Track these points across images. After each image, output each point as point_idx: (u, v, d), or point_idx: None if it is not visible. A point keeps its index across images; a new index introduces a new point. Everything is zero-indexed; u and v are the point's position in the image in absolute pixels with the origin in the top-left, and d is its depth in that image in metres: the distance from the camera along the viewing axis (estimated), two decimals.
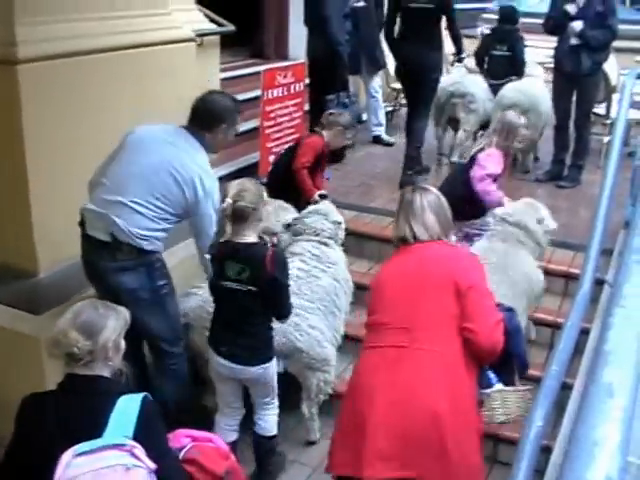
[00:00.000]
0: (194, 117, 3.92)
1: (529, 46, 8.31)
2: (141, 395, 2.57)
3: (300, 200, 5.22)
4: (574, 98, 6.82)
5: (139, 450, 2.44)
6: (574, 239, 5.42)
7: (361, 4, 7.31)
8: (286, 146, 5.98)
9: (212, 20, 6.53)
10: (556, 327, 4.60)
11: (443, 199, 3.30)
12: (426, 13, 6.37)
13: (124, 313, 2.75)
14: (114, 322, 2.67)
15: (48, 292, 4.35)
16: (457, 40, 6.75)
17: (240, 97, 7.18)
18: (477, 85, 7.36)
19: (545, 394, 2.98)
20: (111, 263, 3.75)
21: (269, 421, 3.94)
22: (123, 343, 2.71)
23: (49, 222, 4.37)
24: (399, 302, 3.05)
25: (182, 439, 2.92)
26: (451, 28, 6.58)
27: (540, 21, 7.18)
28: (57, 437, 2.45)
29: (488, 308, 3.00)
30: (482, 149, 5.08)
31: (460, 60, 7.13)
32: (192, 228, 3.85)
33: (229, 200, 3.49)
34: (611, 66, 8.45)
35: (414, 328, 2.95)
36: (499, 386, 3.48)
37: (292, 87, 6.23)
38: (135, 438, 2.46)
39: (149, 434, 2.52)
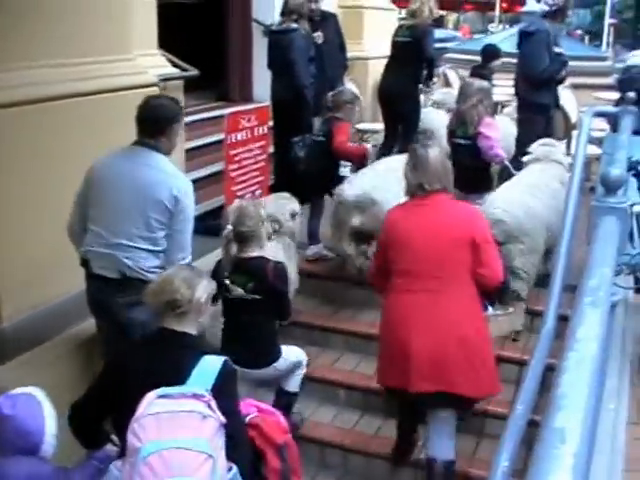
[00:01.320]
0: (144, 127, 4.02)
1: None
2: (223, 358, 2.93)
3: None
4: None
5: (214, 403, 2.72)
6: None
7: (320, 41, 7.36)
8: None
9: (175, 65, 6.56)
10: (522, 364, 4.61)
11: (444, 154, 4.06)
12: (406, 45, 7.14)
13: (213, 283, 3.20)
14: (207, 282, 3.12)
15: (12, 341, 4.29)
16: (429, 65, 7.39)
17: (205, 140, 7.29)
18: None
19: (511, 434, 2.98)
20: (122, 299, 3.86)
21: (294, 380, 4.51)
22: (210, 307, 3.16)
23: (8, 271, 4.32)
24: (429, 253, 3.82)
25: (249, 407, 3.23)
26: (423, 55, 7.21)
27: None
28: (143, 381, 2.76)
29: (495, 256, 3.93)
30: None
31: (428, 85, 7.31)
32: (170, 242, 3.95)
33: (229, 227, 4.17)
34: (570, 103, 8.61)
35: (442, 276, 3.81)
36: (491, 310, 4.36)
37: (256, 130, 6.25)
38: (212, 393, 2.75)
39: (224, 392, 2.83)
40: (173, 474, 2.57)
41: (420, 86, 7.57)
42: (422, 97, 7.86)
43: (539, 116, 7.17)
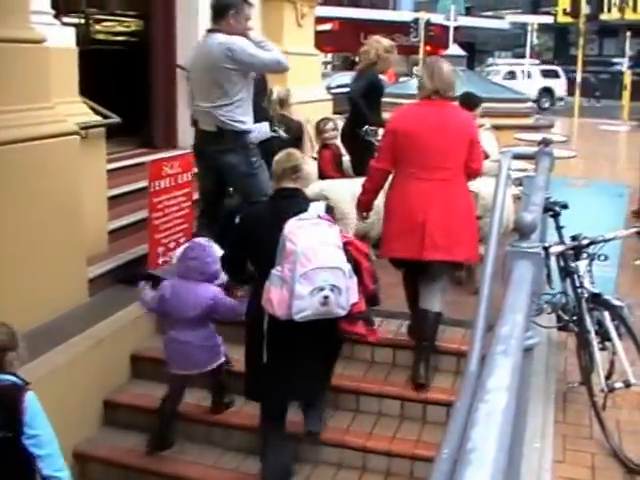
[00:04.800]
0: (212, 13, 5.52)
1: None
2: (324, 202, 4.40)
3: None
4: None
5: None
6: (465, 316, 5.50)
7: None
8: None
9: (97, 112, 6.50)
10: (449, 405, 4.63)
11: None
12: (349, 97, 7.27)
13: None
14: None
15: None
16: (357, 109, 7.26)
17: (129, 188, 7.20)
18: None
19: (436, 479, 2.96)
20: (217, 147, 5.45)
21: None
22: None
23: None
24: (438, 150, 4.71)
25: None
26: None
27: None
28: (272, 226, 3.97)
29: (481, 154, 5.04)
30: None
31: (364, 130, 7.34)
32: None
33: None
34: (491, 144, 8.78)
35: (449, 167, 4.76)
36: None
37: (180, 177, 6.21)
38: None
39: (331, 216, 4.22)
40: (322, 260, 3.87)
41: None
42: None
43: None
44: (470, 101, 8.65)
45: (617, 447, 4.40)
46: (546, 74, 34.40)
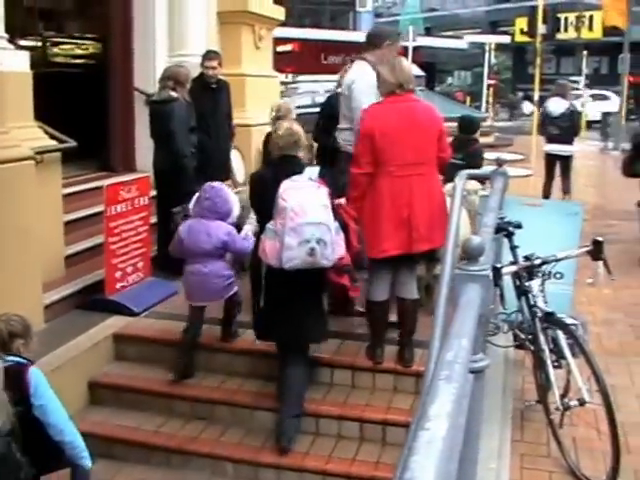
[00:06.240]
0: (364, 44, 5.92)
1: None
2: (318, 167, 5.35)
3: None
4: None
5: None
6: (423, 337, 5.51)
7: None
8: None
9: (53, 136, 6.45)
10: (409, 426, 4.62)
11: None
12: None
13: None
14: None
15: None
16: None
17: (87, 212, 7.14)
18: None
19: None
20: None
21: None
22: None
23: None
24: (415, 146, 4.91)
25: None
26: None
27: None
28: (274, 186, 4.63)
29: (448, 142, 5.31)
30: None
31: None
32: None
33: None
34: None
35: (424, 163, 4.97)
36: None
37: (137, 201, 6.18)
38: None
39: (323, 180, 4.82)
40: (309, 216, 4.47)
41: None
42: None
43: None
44: (470, 125, 8.81)
45: (574, 464, 4.43)
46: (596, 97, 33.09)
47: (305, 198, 4.55)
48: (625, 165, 9.41)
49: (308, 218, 4.49)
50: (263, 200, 4.83)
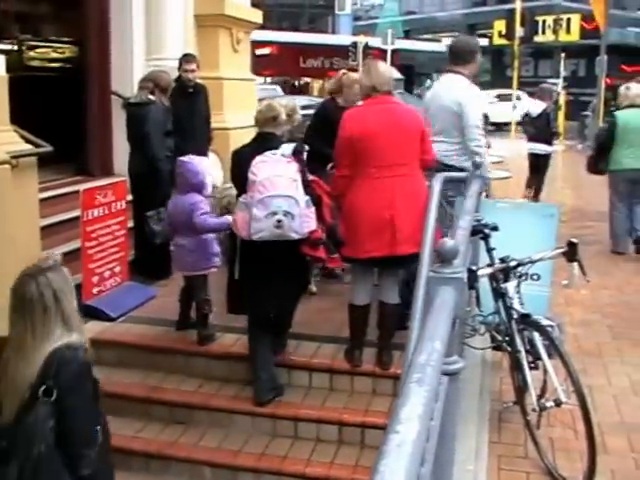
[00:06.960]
0: (454, 57, 5.82)
1: None
2: (294, 144, 5.02)
3: None
4: None
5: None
6: (403, 339, 5.52)
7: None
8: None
9: (28, 140, 6.40)
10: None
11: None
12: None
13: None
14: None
15: None
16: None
17: (64, 216, 7.09)
18: None
19: None
20: None
21: None
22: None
23: None
24: (395, 147, 4.92)
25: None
26: None
27: None
28: (250, 159, 4.79)
29: (431, 143, 5.23)
30: None
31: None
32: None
33: None
34: None
35: (406, 164, 4.97)
36: None
37: (113, 206, 6.15)
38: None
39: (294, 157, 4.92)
40: (277, 189, 4.64)
41: None
42: None
43: None
44: None
45: (551, 465, 4.45)
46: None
47: (274, 172, 4.70)
48: (589, 163, 9.99)
49: (275, 191, 4.65)
50: (242, 175, 4.90)
